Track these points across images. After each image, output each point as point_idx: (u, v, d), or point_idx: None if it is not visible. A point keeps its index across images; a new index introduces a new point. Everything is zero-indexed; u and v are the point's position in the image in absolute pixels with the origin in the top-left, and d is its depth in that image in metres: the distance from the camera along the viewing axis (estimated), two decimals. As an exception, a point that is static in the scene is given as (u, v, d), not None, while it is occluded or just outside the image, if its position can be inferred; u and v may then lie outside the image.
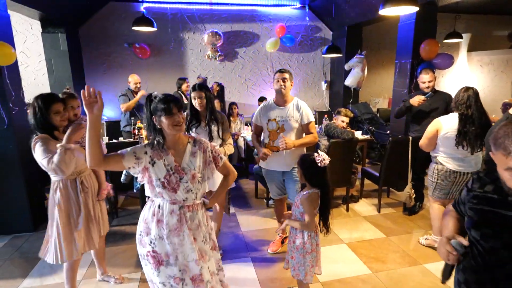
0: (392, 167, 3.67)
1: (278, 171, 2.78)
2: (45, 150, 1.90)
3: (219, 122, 2.63)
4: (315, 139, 2.70)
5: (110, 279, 2.56)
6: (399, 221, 3.59)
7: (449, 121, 2.71)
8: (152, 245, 1.61)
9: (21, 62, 5.26)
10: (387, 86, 6.98)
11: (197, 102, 2.52)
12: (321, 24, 6.34)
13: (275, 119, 2.66)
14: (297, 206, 2.06)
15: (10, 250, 3.09)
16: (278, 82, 2.60)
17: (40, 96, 2.01)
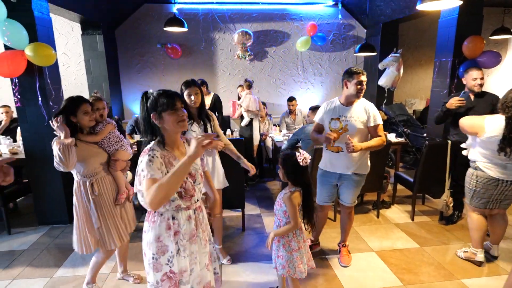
0: (429, 172, 3.45)
1: (335, 174, 2.63)
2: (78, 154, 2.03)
3: (210, 118, 2.54)
4: (384, 142, 2.50)
5: (129, 278, 2.60)
6: (434, 231, 3.36)
7: (493, 123, 2.43)
8: (170, 264, 1.49)
9: (62, 62, 5.59)
10: (425, 86, 6.60)
11: (193, 99, 2.38)
12: (354, 21, 6.12)
13: (339, 118, 2.54)
14: (279, 205, 2.07)
15: (48, 240, 3.27)
16: (356, 85, 2.42)
17: (70, 97, 2.11)
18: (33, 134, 3.39)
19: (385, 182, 3.86)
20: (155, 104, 1.44)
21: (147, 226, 1.53)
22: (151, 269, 1.50)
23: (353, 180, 2.60)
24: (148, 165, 1.37)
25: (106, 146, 2.25)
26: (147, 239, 1.52)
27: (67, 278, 2.65)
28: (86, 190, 2.13)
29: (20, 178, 4.15)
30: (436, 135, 4.26)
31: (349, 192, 2.66)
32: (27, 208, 4.01)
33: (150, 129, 1.48)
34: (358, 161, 2.56)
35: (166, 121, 1.44)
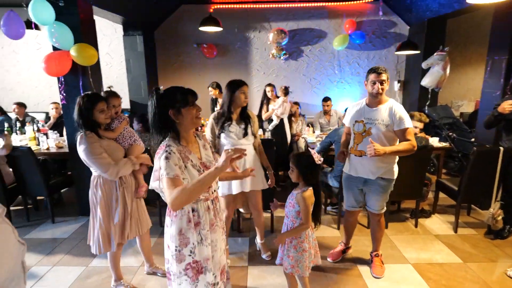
0: (476, 181, 3.16)
1: (359, 178, 2.52)
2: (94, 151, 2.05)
3: (251, 119, 2.59)
4: (413, 147, 2.29)
5: (158, 271, 2.67)
6: (480, 246, 3.07)
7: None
8: (192, 254, 1.53)
9: (106, 62, 5.90)
10: (474, 86, 6.09)
11: (245, 98, 2.50)
12: (396, 18, 5.80)
13: (363, 121, 2.41)
14: (292, 206, 2.04)
15: (86, 230, 3.40)
16: (374, 85, 2.31)
17: (86, 95, 2.12)
18: (75, 129, 3.58)
19: (426, 190, 3.60)
20: (173, 100, 1.45)
21: (169, 220, 1.56)
22: (174, 260, 1.54)
23: (379, 185, 2.46)
24: (165, 162, 1.39)
25: (121, 141, 2.30)
26: (170, 232, 1.55)
27: (101, 269, 2.77)
28: (113, 183, 2.17)
29: (64, 170, 4.44)
30: (485, 141, 3.89)
31: (375, 198, 2.51)
32: (70, 199, 4.27)
33: (164, 125, 1.48)
34: (382, 165, 2.41)
35: (185, 117, 1.47)
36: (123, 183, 2.20)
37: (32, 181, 3.50)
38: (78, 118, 2.08)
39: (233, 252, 2.98)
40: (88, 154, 2.04)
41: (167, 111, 1.45)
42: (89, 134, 2.08)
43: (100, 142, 2.10)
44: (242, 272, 2.71)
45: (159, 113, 1.46)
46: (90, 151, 2.04)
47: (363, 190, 2.57)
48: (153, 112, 1.46)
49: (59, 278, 2.65)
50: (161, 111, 1.45)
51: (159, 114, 1.46)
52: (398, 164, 2.48)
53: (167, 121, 1.47)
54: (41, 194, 3.60)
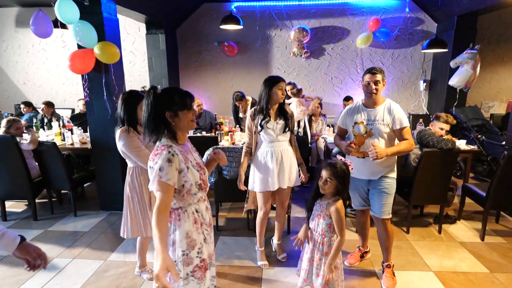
0: (506, 186, 2.98)
1: (363, 180, 2.47)
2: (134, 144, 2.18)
3: (290, 115, 2.60)
4: (411, 146, 2.32)
5: (145, 275, 2.60)
6: (509, 255, 2.89)
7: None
8: (200, 254, 1.53)
9: (129, 60, 6.04)
10: (507, 87, 5.77)
11: (283, 94, 2.50)
12: (423, 15, 5.57)
13: (363, 122, 2.37)
14: (322, 218, 1.88)
15: (106, 225, 3.55)
16: (368, 85, 2.31)
17: (131, 93, 2.25)
18: (98, 126, 3.70)
19: (451, 194, 3.43)
20: (171, 102, 1.43)
21: (170, 226, 1.50)
22: (184, 264, 1.50)
23: (383, 185, 2.39)
24: (167, 164, 1.37)
25: None
26: (172, 238, 1.49)
27: (119, 263, 2.83)
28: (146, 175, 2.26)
29: (87, 165, 4.58)
30: (518, 144, 3.67)
31: (379, 200, 2.41)
32: (92, 194, 4.41)
33: (158, 126, 1.44)
34: (385, 165, 2.38)
35: (181, 120, 1.46)
36: None
37: (56, 175, 3.64)
38: (123, 114, 2.20)
39: (249, 253, 2.96)
40: (129, 147, 2.17)
41: (163, 112, 1.43)
42: (126, 128, 2.20)
43: (138, 136, 2.22)
44: (257, 273, 2.68)
45: (154, 113, 1.43)
46: (131, 144, 2.17)
47: (369, 190, 2.52)
48: (148, 112, 1.43)
49: (78, 271, 2.72)
50: (157, 112, 1.43)
51: (154, 114, 1.43)
52: (421, 169, 2.38)
53: (162, 122, 1.44)
54: (64, 188, 3.73)
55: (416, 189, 3.13)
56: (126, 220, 2.37)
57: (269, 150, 2.55)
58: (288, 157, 2.59)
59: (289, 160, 2.60)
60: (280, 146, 2.56)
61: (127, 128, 2.20)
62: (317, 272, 1.92)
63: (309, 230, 1.97)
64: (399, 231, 3.33)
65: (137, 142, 2.19)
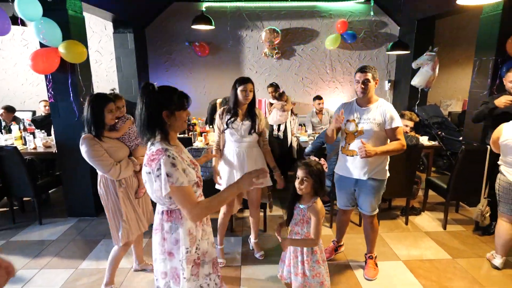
0: (464, 179, 3.23)
1: (351, 179, 2.50)
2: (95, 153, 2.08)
3: (257, 117, 2.59)
4: (403, 147, 2.31)
5: (147, 267, 2.69)
6: (468, 242, 3.13)
7: (510, 129, 2.48)
8: (198, 251, 1.54)
9: (95, 60, 5.80)
10: (462, 86, 6.21)
11: (247, 95, 2.48)
12: (387, 18, 5.86)
13: (354, 120, 2.41)
14: (305, 222, 1.88)
15: (75, 232, 3.39)
16: (358, 84, 2.32)
17: (98, 95, 2.16)
18: (64, 129, 3.53)
19: (416, 188, 3.65)
20: (169, 101, 1.39)
21: (172, 225, 1.49)
22: (185, 263, 1.48)
23: (371, 186, 2.44)
24: (173, 169, 1.34)
25: (126, 141, 2.33)
26: (175, 237, 1.49)
27: (91, 271, 2.72)
28: (114, 183, 2.20)
29: (52, 170, 4.35)
30: (473, 139, 3.98)
31: (367, 199, 2.49)
32: (58, 200, 4.19)
33: (153, 125, 1.39)
34: (374, 165, 2.40)
35: (177, 119, 1.43)
36: (122, 184, 2.22)
37: (18, 181, 3.41)
38: (90, 118, 2.10)
39: (226, 252, 2.96)
40: (90, 156, 2.08)
41: (160, 111, 1.38)
42: (88, 136, 2.10)
43: (101, 143, 2.12)
44: (236, 271, 2.70)
45: (151, 112, 1.37)
46: (92, 153, 2.07)
47: (356, 190, 2.56)
48: (143, 109, 1.37)
49: (47, 282, 2.58)
50: (154, 111, 1.37)
51: (151, 113, 1.37)
52: (389, 163, 2.51)
53: (158, 121, 1.39)
54: (27, 195, 3.52)
55: (384, 183, 3.29)
56: (116, 227, 2.27)
57: (233, 149, 2.58)
58: (252, 158, 2.59)
59: (254, 160, 2.60)
60: (244, 147, 2.57)
61: (91, 135, 2.11)
62: (314, 273, 1.90)
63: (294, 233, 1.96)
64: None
65: (98, 150, 2.09)
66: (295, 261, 1.93)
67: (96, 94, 2.18)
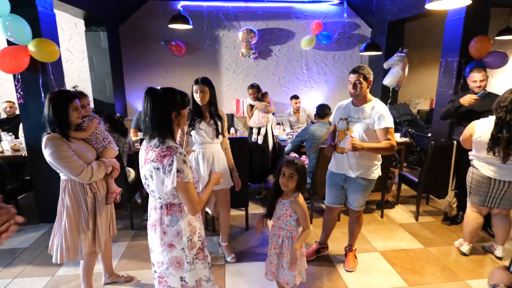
0: (433, 172, 3.42)
1: (341, 175, 2.56)
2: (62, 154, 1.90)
3: (221, 118, 2.57)
4: (392, 147, 2.32)
5: (119, 280, 2.54)
6: (438, 231, 3.33)
7: (484, 125, 2.59)
8: (200, 238, 1.68)
9: (66, 59, 5.57)
10: (430, 86, 6.55)
11: (199, 96, 2.44)
12: (359, 20, 6.08)
13: (346, 118, 2.46)
14: (288, 215, 1.95)
15: (49, 239, 3.20)
16: (350, 84, 2.37)
17: (60, 92, 1.97)
18: (35, 130, 3.36)
19: (390, 182, 3.83)
20: (174, 101, 1.51)
21: (172, 219, 1.59)
22: (187, 250, 1.61)
23: (359, 184, 2.51)
24: (184, 166, 1.46)
25: (94, 142, 2.16)
26: (176, 229, 1.59)
27: (69, 277, 2.63)
28: (83, 189, 2.03)
29: (21, 175, 4.14)
30: (440, 136, 4.22)
31: (355, 196, 2.57)
32: (29, 206, 3.98)
33: (164, 126, 1.49)
34: (364, 165, 2.45)
35: (183, 116, 1.56)
36: (93, 188, 2.07)
37: (-14, 186, 3.23)
38: (53, 117, 1.90)
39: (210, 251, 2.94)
40: (56, 158, 1.88)
41: (170, 112, 1.50)
42: (54, 136, 1.90)
43: (68, 144, 1.94)
44: (220, 270, 2.71)
45: (162, 113, 1.48)
46: (59, 155, 1.88)
47: (344, 186, 2.62)
48: (152, 112, 1.47)
49: (22, 289, 2.47)
50: (164, 112, 1.49)
51: (162, 114, 1.48)
52: None
53: (168, 121, 1.50)
54: (-4, 200, 3.32)
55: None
56: (59, 242, 2.04)
57: (201, 151, 2.55)
58: (219, 159, 2.60)
59: (221, 162, 2.61)
60: (212, 149, 2.56)
61: (57, 135, 1.91)
62: (288, 265, 1.97)
63: (277, 227, 2.02)
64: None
65: (66, 151, 1.90)
66: (273, 251, 2.02)
67: (57, 91, 1.96)
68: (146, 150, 1.56)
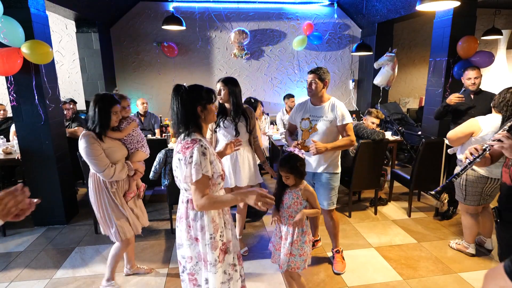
0: (424, 169, 3.51)
1: (309, 172, 2.63)
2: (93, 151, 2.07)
3: (247, 117, 2.67)
4: (351, 142, 2.51)
5: (140, 271, 2.66)
6: (430, 227, 3.43)
7: (489, 122, 2.51)
8: (222, 238, 1.63)
9: (56, 61, 5.48)
10: (419, 85, 6.71)
11: (217, 94, 2.57)
12: (350, 21, 6.18)
13: (308, 118, 2.57)
14: (299, 203, 2.05)
15: (45, 241, 3.22)
16: (307, 83, 2.52)
17: (104, 96, 2.14)
18: (29, 133, 3.34)
19: (383, 180, 3.91)
20: (200, 96, 1.54)
21: (197, 213, 1.58)
22: (210, 249, 1.58)
23: (326, 179, 2.60)
24: (203, 158, 1.47)
25: (128, 143, 2.31)
26: (201, 224, 1.58)
27: (68, 279, 2.62)
28: (106, 184, 2.19)
29: (14, 178, 4.09)
30: (430, 133, 4.34)
31: (324, 193, 2.63)
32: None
33: (190, 121, 1.54)
34: (327, 159, 2.57)
35: (210, 112, 1.59)
36: (114, 185, 2.21)
37: (-22, 191, 3.17)
38: (97, 118, 2.10)
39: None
40: (87, 154, 2.07)
41: (195, 107, 1.53)
42: (90, 134, 2.10)
43: (99, 143, 2.11)
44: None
45: (188, 108, 1.52)
46: (89, 152, 2.07)
47: (314, 184, 2.70)
48: (179, 107, 1.52)
49: (20, 293, 2.45)
50: (189, 107, 1.52)
51: (187, 109, 1.52)
52: (358, 157, 2.64)
53: (193, 116, 1.54)
54: (-11, 204, 3.27)
55: (355, 177, 3.50)
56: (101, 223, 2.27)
57: None
58: (243, 157, 2.69)
59: (246, 159, 2.70)
60: None
61: (92, 132, 2.10)
62: (300, 252, 2.04)
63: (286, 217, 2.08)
64: (342, 216, 3.68)
65: (96, 150, 2.08)
66: (285, 242, 2.06)
67: (102, 95, 2.15)
68: (177, 143, 1.61)
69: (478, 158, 1.65)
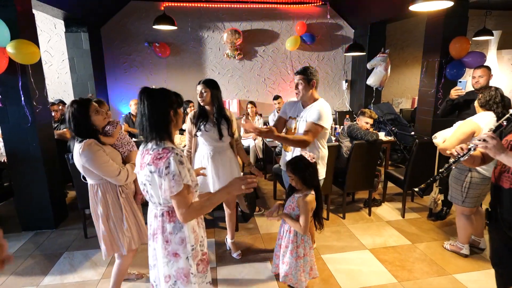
0: (418, 170, 3.51)
1: (283, 170, 2.63)
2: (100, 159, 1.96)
3: (228, 120, 2.60)
4: (304, 141, 2.25)
5: (130, 277, 2.59)
6: (424, 227, 3.42)
7: (486, 120, 2.47)
8: (202, 247, 1.58)
9: (45, 61, 5.39)
10: (411, 85, 6.73)
11: (199, 97, 2.51)
12: (342, 21, 6.17)
13: (295, 118, 2.53)
14: (292, 208, 2.03)
15: (32, 247, 3.13)
16: (295, 85, 2.48)
17: (74, 101, 2.01)
18: (15, 135, 3.24)
19: (376, 181, 3.90)
20: (170, 100, 1.45)
21: (175, 225, 1.48)
22: (193, 259, 1.52)
23: None
24: (182, 167, 1.37)
25: (119, 147, 2.23)
26: (180, 236, 1.49)
27: (55, 286, 2.54)
28: (116, 190, 2.09)
29: (1, 182, 3.97)
30: (423, 134, 4.34)
31: None
32: (9, 213, 3.83)
33: (163, 126, 1.43)
34: None
35: (180, 116, 1.51)
36: (124, 190, 2.14)
37: (-38, 195, 3.08)
38: (75, 127, 1.97)
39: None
40: (96, 162, 1.95)
41: (168, 111, 1.44)
42: (91, 142, 1.96)
43: (103, 148, 2.01)
44: (212, 273, 2.68)
45: (160, 112, 1.41)
46: (97, 160, 1.95)
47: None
48: (150, 112, 1.39)
49: (5, 301, 2.37)
50: (162, 110, 1.42)
51: (160, 113, 1.41)
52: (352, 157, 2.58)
53: (166, 121, 1.44)
54: (-26, 209, 3.18)
55: (349, 178, 3.48)
56: (107, 240, 2.13)
57: (207, 153, 2.60)
58: (226, 160, 2.64)
59: (228, 163, 2.65)
60: (219, 150, 2.61)
61: (93, 140, 1.97)
62: (283, 260, 2.03)
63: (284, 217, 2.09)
64: (336, 217, 3.65)
65: (103, 156, 1.96)
66: (285, 250, 2.04)
67: (74, 100, 2.01)
68: (142, 154, 1.47)
69: (462, 157, 1.62)
